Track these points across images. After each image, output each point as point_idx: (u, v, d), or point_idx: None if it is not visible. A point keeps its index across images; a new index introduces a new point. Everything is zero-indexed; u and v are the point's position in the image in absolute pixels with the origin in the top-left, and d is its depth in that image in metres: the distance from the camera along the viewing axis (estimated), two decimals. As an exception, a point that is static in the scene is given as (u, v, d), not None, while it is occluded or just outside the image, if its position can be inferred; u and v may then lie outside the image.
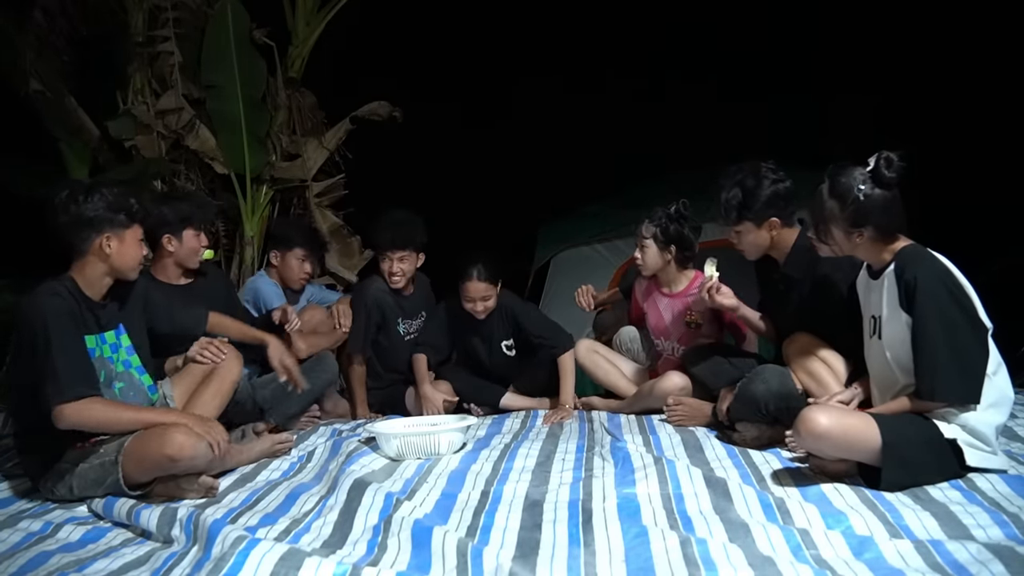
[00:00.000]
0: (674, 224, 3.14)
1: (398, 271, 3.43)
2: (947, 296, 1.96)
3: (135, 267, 2.37)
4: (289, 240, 3.61)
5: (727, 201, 2.61)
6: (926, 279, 1.97)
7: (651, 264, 3.21)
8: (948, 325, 1.94)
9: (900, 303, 2.02)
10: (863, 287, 2.24)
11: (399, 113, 5.10)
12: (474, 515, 1.91)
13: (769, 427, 2.45)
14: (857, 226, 2.07)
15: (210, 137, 4.65)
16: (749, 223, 2.60)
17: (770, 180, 2.57)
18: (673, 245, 3.15)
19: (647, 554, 1.58)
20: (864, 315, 2.23)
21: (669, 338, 3.28)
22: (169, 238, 2.96)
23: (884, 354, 2.11)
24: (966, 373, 1.95)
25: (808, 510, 1.83)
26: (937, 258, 2.03)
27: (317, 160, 5.02)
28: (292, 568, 1.51)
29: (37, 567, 1.71)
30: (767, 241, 2.63)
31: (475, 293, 3.27)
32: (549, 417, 3.14)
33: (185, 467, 2.18)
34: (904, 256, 2.04)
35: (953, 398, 1.96)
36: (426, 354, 3.45)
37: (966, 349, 1.95)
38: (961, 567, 1.46)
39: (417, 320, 3.63)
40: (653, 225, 3.16)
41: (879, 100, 5.90)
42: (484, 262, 3.28)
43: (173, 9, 4.52)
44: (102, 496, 2.19)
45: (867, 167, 2.06)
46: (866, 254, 2.15)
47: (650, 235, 3.16)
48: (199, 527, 1.79)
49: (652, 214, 3.19)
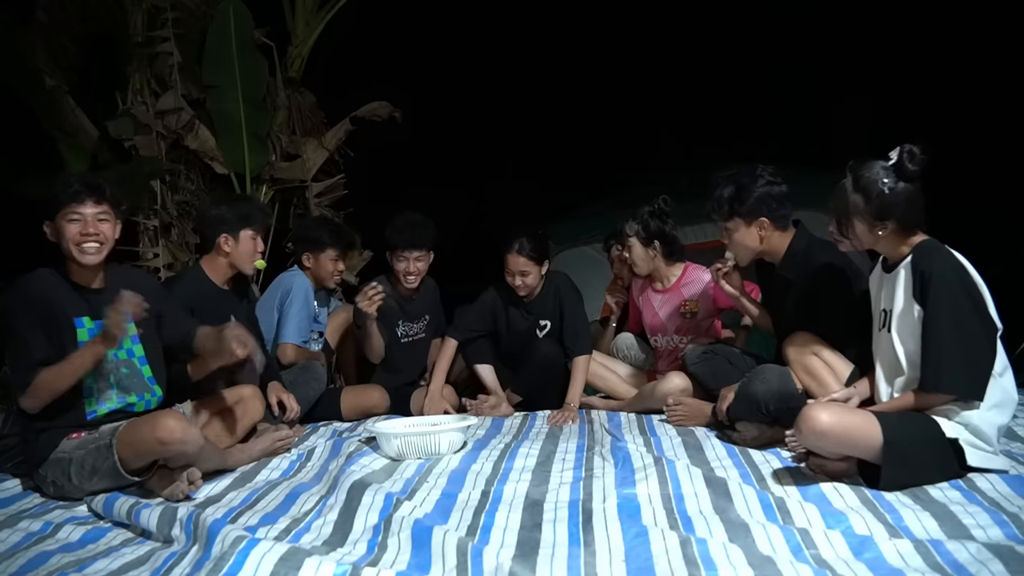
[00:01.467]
0: (655, 220, 3.24)
1: (415, 271, 3.44)
2: (961, 290, 1.96)
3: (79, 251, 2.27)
4: (321, 241, 3.54)
5: (719, 196, 2.64)
6: (941, 272, 1.97)
7: (639, 262, 3.30)
8: (959, 319, 1.95)
9: (914, 293, 2.03)
10: (876, 281, 2.24)
11: (399, 113, 5.10)
12: (474, 515, 1.91)
13: (769, 427, 2.46)
14: (881, 219, 2.07)
15: (210, 137, 4.64)
16: (739, 220, 2.62)
17: (764, 180, 2.58)
18: (656, 241, 3.25)
19: (647, 554, 1.58)
20: (874, 309, 2.23)
21: (666, 333, 3.32)
22: (226, 237, 2.89)
23: (893, 347, 2.11)
24: (972, 368, 1.96)
25: (808, 510, 1.83)
26: (953, 253, 2.03)
27: (317, 160, 5.01)
28: (292, 568, 1.51)
29: (37, 567, 1.71)
30: (756, 242, 2.64)
31: (514, 266, 3.30)
32: (554, 417, 3.15)
33: (177, 451, 2.17)
34: (921, 250, 2.05)
35: (957, 391, 1.96)
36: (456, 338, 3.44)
37: (975, 345, 1.96)
38: (961, 567, 1.46)
39: (419, 323, 3.63)
40: (636, 223, 3.26)
41: (879, 100, 5.90)
42: (528, 237, 3.30)
43: (172, 9, 4.51)
44: (101, 488, 2.20)
45: (889, 161, 2.06)
46: (886, 247, 2.15)
47: (633, 233, 3.26)
48: (199, 527, 1.79)
49: (634, 213, 3.28)
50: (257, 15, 4.67)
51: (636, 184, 5.58)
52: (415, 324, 3.63)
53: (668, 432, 2.77)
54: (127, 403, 2.38)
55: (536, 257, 3.31)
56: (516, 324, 3.50)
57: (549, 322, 3.47)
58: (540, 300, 3.46)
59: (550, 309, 3.46)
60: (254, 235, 2.95)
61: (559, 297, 3.43)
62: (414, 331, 3.63)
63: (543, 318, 3.48)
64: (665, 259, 3.30)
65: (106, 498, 2.15)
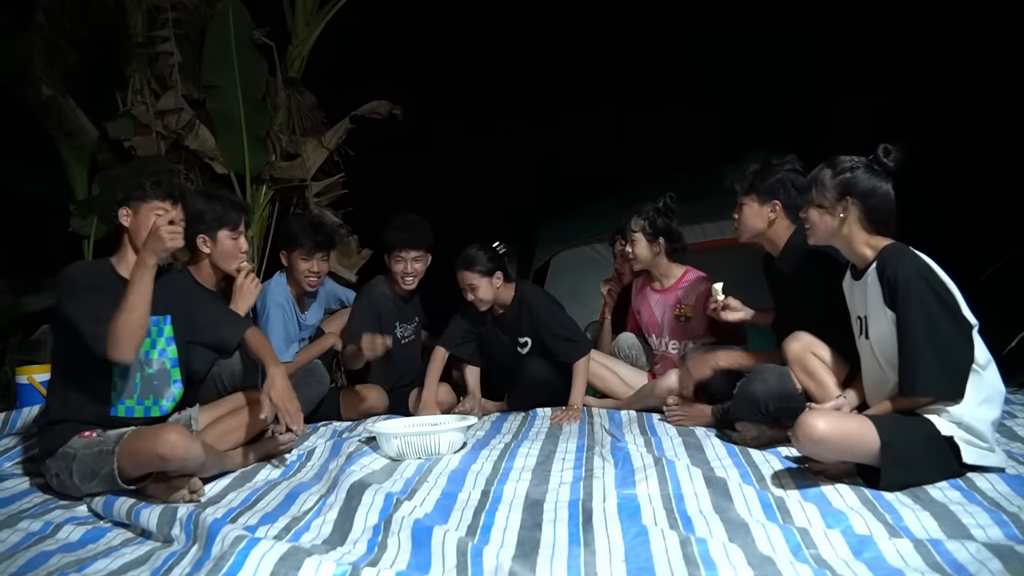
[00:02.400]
0: (662, 217, 3.24)
1: (412, 271, 3.45)
2: (929, 292, 1.97)
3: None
4: (292, 239, 3.38)
5: (745, 168, 2.66)
6: (907, 275, 1.98)
7: (642, 257, 3.29)
8: (930, 321, 1.95)
9: (884, 300, 2.03)
10: (848, 289, 2.26)
11: (399, 111, 5.10)
12: (474, 515, 1.91)
13: (769, 427, 2.46)
14: (843, 195, 2.10)
15: (210, 137, 4.64)
16: (754, 196, 2.64)
17: (790, 167, 2.63)
18: (662, 237, 3.24)
19: (647, 554, 1.58)
20: (852, 316, 2.24)
21: (661, 335, 3.31)
22: (204, 238, 2.78)
23: (873, 354, 2.13)
24: (948, 369, 1.96)
25: (808, 509, 1.83)
26: (918, 255, 2.04)
27: (317, 160, 5.01)
28: (292, 568, 1.51)
29: (37, 567, 1.71)
30: (764, 224, 2.65)
31: (462, 281, 3.32)
32: (557, 416, 3.15)
33: (178, 467, 2.17)
34: (886, 254, 2.06)
35: (934, 392, 1.97)
36: (446, 348, 3.44)
37: (949, 345, 1.96)
38: (960, 566, 1.46)
39: (412, 324, 3.65)
40: (642, 219, 3.25)
41: (880, 102, 5.90)
42: (476, 252, 3.30)
43: (172, 9, 4.51)
44: (97, 491, 2.20)
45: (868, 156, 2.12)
46: (848, 242, 2.14)
47: (639, 228, 3.26)
48: (199, 526, 1.79)
49: (640, 209, 3.27)
50: (257, 15, 4.67)
51: (636, 184, 5.58)
52: (410, 325, 3.64)
53: (668, 432, 2.77)
54: (146, 405, 2.41)
55: (484, 271, 3.29)
56: (496, 338, 3.50)
57: (529, 339, 3.45)
58: (512, 318, 3.44)
59: (525, 327, 3.43)
60: (233, 234, 2.81)
61: (531, 315, 3.40)
62: (409, 332, 3.64)
63: (520, 335, 3.46)
64: (668, 256, 3.30)
65: (106, 498, 2.15)
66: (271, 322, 3.27)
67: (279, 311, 3.31)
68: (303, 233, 3.37)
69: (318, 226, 3.46)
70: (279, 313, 3.30)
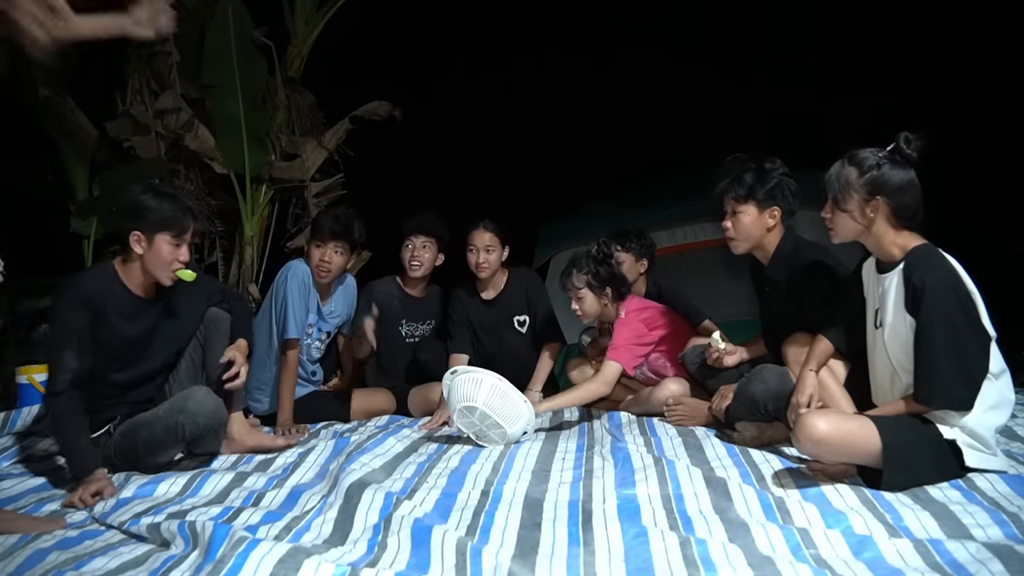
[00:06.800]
0: (603, 266, 3.09)
1: (418, 258, 3.47)
2: (955, 302, 1.93)
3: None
4: (316, 228, 3.34)
5: (741, 177, 2.59)
6: (934, 284, 1.93)
7: (591, 312, 3.14)
8: (952, 332, 1.92)
9: (905, 305, 2.00)
10: (867, 277, 2.21)
11: (399, 112, 5.10)
12: (474, 514, 1.91)
13: (768, 427, 2.46)
14: (873, 194, 2.04)
15: (209, 137, 4.64)
16: (753, 204, 2.59)
17: (781, 171, 2.60)
18: (608, 287, 3.09)
19: (647, 554, 1.58)
20: (868, 303, 2.20)
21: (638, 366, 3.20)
22: (138, 236, 2.45)
23: (885, 348, 2.10)
24: (965, 381, 1.94)
25: (808, 509, 1.83)
26: (947, 261, 2.00)
27: (316, 160, 5.02)
28: (291, 569, 1.50)
29: (34, 565, 1.70)
30: (761, 231, 2.61)
31: (479, 242, 3.33)
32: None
33: None
34: (914, 257, 2.01)
35: (949, 404, 1.95)
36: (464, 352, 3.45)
37: (967, 358, 1.94)
38: (960, 566, 1.46)
39: (424, 325, 3.64)
40: (583, 274, 3.08)
41: (882, 98, 5.90)
42: (494, 215, 3.36)
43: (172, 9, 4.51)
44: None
45: (889, 147, 2.07)
46: (876, 240, 2.10)
47: (583, 284, 3.08)
48: (199, 526, 1.78)
49: (575, 262, 3.11)
50: (256, 15, 4.68)
51: (636, 183, 5.58)
52: (420, 325, 3.64)
53: (668, 432, 2.76)
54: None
55: (502, 235, 3.34)
56: (484, 320, 3.52)
57: (527, 317, 3.51)
58: (508, 294, 3.50)
59: (521, 303, 3.49)
60: (174, 240, 2.47)
61: (530, 291, 3.48)
62: (419, 332, 3.64)
63: (517, 313, 3.50)
64: (615, 301, 3.13)
65: (104, 506, 2.14)
66: (289, 295, 3.23)
67: (296, 284, 3.26)
68: (322, 220, 3.36)
69: (339, 216, 3.35)
70: (296, 285, 3.25)
